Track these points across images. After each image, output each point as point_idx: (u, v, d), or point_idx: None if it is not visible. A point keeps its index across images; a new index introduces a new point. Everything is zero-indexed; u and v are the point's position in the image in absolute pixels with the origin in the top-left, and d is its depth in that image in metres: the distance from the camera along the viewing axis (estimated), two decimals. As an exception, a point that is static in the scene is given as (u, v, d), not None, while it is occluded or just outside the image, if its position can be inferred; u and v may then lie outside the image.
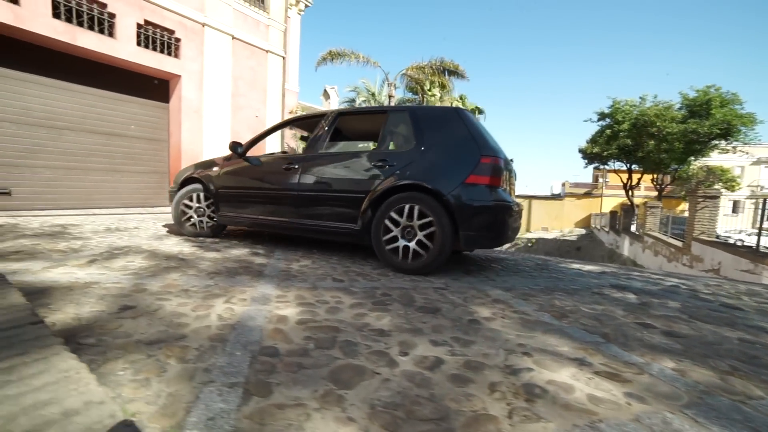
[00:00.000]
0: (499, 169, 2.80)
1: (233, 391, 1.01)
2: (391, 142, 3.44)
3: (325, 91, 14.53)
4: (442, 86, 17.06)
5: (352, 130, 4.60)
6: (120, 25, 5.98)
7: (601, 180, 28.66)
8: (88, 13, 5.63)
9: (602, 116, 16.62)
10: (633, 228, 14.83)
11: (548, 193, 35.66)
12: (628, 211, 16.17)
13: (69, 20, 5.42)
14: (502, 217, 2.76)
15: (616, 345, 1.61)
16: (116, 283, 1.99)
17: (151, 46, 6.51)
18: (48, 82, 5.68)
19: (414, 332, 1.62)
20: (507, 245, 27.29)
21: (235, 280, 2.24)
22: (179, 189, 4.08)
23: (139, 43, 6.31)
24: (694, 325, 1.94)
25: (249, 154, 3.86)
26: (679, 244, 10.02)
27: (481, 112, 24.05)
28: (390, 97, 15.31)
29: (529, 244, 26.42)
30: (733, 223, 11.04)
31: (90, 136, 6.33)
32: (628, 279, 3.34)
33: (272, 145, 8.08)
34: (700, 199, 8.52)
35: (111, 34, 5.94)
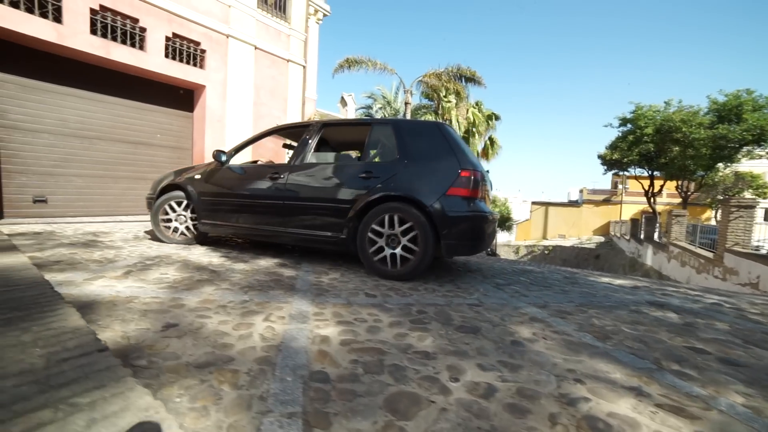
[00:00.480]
0: (477, 181, 2.97)
1: (293, 423, 1.00)
2: (375, 154, 3.52)
3: (342, 98, 14.67)
4: (458, 93, 17.03)
5: (337, 141, 4.66)
6: (150, 38, 6.17)
7: (620, 186, 27.97)
8: (121, 29, 5.83)
9: (624, 122, 16.21)
10: (656, 236, 14.37)
11: (565, 200, 35.06)
12: (650, 218, 15.69)
13: (104, 35, 5.62)
14: (480, 226, 2.94)
15: (670, 373, 1.53)
16: (155, 298, 2.01)
17: (178, 58, 6.69)
18: (83, 94, 5.88)
19: (459, 355, 1.58)
20: (522, 252, 26.74)
21: (269, 295, 2.24)
22: (159, 196, 4.07)
23: (167, 55, 6.49)
24: (753, 352, 1.84)
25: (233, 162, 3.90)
26: (709, 255, 9.64)
27: (497, 118, 23.87)
28: (406, 104, 15.34)
29: (546, 252, 25.94)
30: (764, 232, 10.59)
31: (118, 145, 6.52)
32: (664, 295, 3.22)
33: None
34: (734, 208, 8.18)
35: (141, 47, 6.13)
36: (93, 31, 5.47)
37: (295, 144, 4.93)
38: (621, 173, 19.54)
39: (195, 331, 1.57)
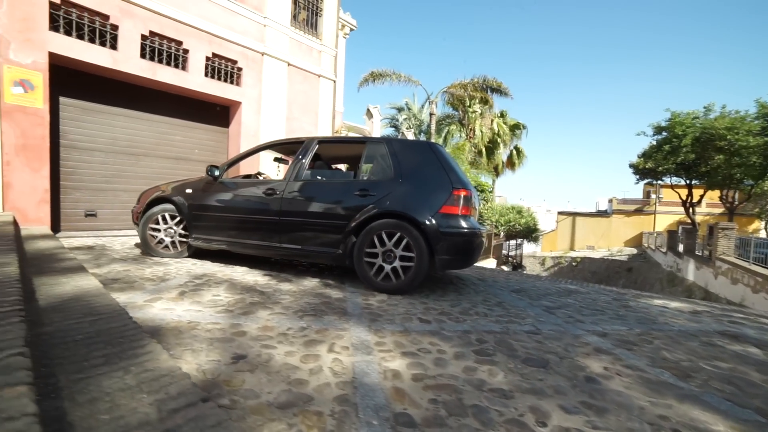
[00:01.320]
0: (468, 199, 3.12)
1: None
2: (370, 172, 3.58)
3: (368, 110, 14.83)
4: (485, 101, 16.87)
5: (331, 158, 4.70)
6: (192, 59, 6.44)
7: (653, 196, 26.78)
8: (167, 51, 6.12)
9: (659, 130, 15.51)
10: (698, 250, 13.58)
11: (593, 210, 33.91)
12: (689, 230, 14.86)
13: (152, 58, 5.91)
14: (472, 242, 3.09)
15: (780, 426, 1.39)
16: (215, 324, 2.03)
17: (216, 76, 6.94)
18: (131, 113, 6.18)
19: (537, 394, 1.51)
20: (549, 264, 25.89)
21: (324, 321, 2.22)
22: (147, 209, 4.06)
23: (206, 74, 6.74)
24: None
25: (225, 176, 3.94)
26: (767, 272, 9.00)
27: (523, 127, 23.53)
28: (431, 114, 15.35)
29: (574, 264, 25.06)
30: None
31: (161, 160, 6.79)
32: (733, 323, 3.01)
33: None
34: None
35: (184, 68, 6.40)
36: (142, 55, 5.76)
37: (285, 158, 5.01)
38: (655, 182, 18.69)
39: (265, 364, 1.56)
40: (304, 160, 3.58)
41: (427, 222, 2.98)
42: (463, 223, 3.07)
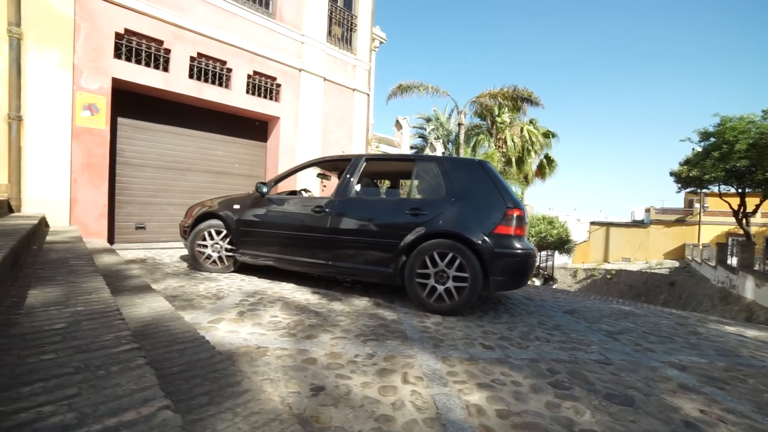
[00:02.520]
0: (523, 219, 3.09)
1: None
2: (421, 190, 3.54)
3: (397, 121, 14.91)
4: (516, 110, 16.60)
5: (378, 175, 4.64)
6: (234, 77, 6.70)
7: (697, 205, 25.26)
8: (212, 71, 6.39)
9: (706, 136, 14.60)
10: (757, 265, 12.56)
11: (629, 220, 32.43)
12: (745, 244, 13.81)
13: (198, 78, 6.19)
14: (526, 263, 3.03)
15: None
16: (283, 349, 2.03)
17: (256, 93, 7.17)
18: (177, 130, 6.48)
19: (637, 441, 1.39)
20: (581, 276, 24.84)
21: (388, 347, 2.19)
22: (195, 224, 4.14)
23: (247, 91, 6.98)
24: None
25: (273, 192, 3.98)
26: None
27: (553, 135, 22.95)
28: (460, 125, 15.25)
29: (608, 276, 23.91)
30: None
31: (203, 175, 7.05)
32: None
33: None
34: None
35: (227, 86, 6.66)
36: (190, 75, 6.04)
37: (327, 174, 5.04)
38: (699, 191, 17.60)
39: (345, 398, 1.54)
40: (352, 178, 3.60)
41: (482, 242, 2.94)
42: (517, 244, 3.01)
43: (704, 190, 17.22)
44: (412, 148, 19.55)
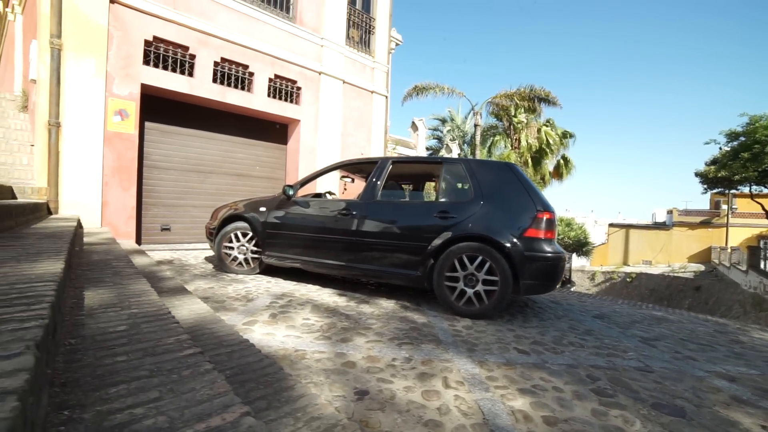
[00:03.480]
0: (553, 222, 3.06)
1: None
2: (448, 193, 3.48)
3: (413, 123, 14.89)
4: (532, 110, 16.40)
5: (404, 178, 4.59)
6: (256, 81, 6.80)
7: (724, 207, 24.37)
8: (235, 75, 6.52)
9: (734, 136, 14.09)
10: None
11: (650, 222, 31.56)
12: (780, 247, 13.22)
13: (222, 82, 6.32)
14: (557, 267, 2.97)
15: None
16: (321, 352, 2.04)
17: (277, 96, 7.27)
18: (201, 134, 6.63)
19: (694, 454, 1.34)
20: (599, 279, 24.22)
21: (424, 351, 2.18)
22: (221, 227, 4.18)
23: (268, 95, 7.08)
24: None
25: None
26: None
27: (571, 136, 22.51)
28: (476, 126, 15.13)
29: (628, 280, 23.28)
30: None
31: (226, 177, 7.17)
32: None
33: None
34: None
35: (249, 90, 6.77)
36: (214, 80, 6.17)
37: (350, 176, 5.04)
38: (727, 192, 16.98)
39: (390, 402, 1.53)
40: (378, 181, 3.60)
41: (512, 246, 2.90)
42: (548, 247, 2.97)
43: (733, 191, 16.60)
44: (427, 149, 19.49)
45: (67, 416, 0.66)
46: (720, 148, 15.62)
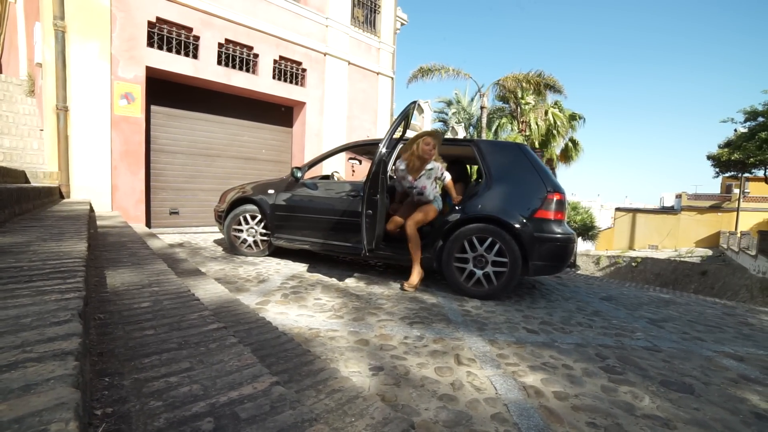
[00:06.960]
0: (563, 204, 3.05)
1: None
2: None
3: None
4: (538, 92, 16.06)
5: None
6: (261, 62, 6.72)
7: (736, 191, 23.98)
8: (239, 57, 6.43)
9: (753, 115, 13.61)
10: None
11: (658, 206, 31.24)
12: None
13: (227, 65, 6.25)
14: (567, 248, 2.98)
15: None
16: (334, 330, 2.09)
17: (282, 78, 7.18)
18: (208, 117, 6.60)
19: (704, 428, 1.38)
20: (604, 263, 24.15)
21: (434, 330, 2.21)
22: (230, 210, 4.18)
23: (273, 77, 7.00)
24: None
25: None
26: None
27: (580, 117, 22.09)
28: (482, 108, 14.88)
29: (633, 264, 23.22)
30: None
31: (233, 161, 7.18)
32: None
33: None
34: None
35: (254, 72, 6.70)
36: (218, 62, 6.10)
37: (358, 157, 5.00)
38: (740, 175, 16.65)
39: (405, 378, 1.57)
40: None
41: (522, 227, 2.91)
42: (558, 229, 2.98)
43: (746, 174, 16.27)
44: (432, 132, 19.19)
45: (108, 382, 0.69)
46: (735, 130, 15.23)
